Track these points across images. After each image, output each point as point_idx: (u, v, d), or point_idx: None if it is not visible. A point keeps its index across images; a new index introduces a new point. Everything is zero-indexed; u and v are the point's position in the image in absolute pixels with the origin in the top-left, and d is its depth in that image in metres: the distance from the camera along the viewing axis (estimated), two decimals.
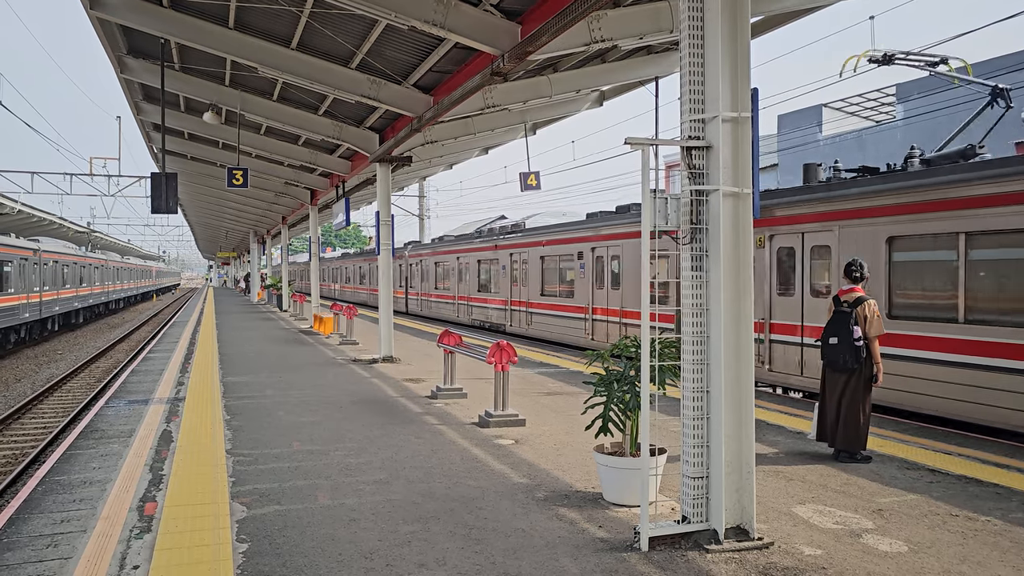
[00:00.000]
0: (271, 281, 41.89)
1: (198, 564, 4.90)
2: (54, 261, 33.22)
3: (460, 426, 9.26)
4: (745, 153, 5.31)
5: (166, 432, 8.94)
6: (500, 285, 23.43)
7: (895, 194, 10.01)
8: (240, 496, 6.36)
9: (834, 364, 7.63)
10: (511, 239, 22.81)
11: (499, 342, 9.16)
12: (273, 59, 12.60)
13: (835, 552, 5.12)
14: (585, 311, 18.26)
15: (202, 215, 46.06)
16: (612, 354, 6.56)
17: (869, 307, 7.50)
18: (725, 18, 5.20)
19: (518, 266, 22.21)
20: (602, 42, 9.93)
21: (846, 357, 7.49)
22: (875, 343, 7.51)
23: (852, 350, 7.47)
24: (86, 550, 5.17)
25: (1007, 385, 8.62)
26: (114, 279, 51.37)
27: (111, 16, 11.23)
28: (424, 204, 47.44)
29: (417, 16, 9.53)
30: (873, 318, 7.47)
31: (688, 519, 5.27)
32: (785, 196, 12.00)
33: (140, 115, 17.79)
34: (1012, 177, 8.62)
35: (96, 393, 17.83)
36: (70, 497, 6.40)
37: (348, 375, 13.80)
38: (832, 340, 7.62)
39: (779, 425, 9.22)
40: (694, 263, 5.34)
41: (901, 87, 31.99)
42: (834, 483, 6.79)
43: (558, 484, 6.74)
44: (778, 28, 11.03)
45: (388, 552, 5.10)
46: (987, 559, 5.02)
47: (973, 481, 6.83)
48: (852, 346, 7.46)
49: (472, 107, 14.01)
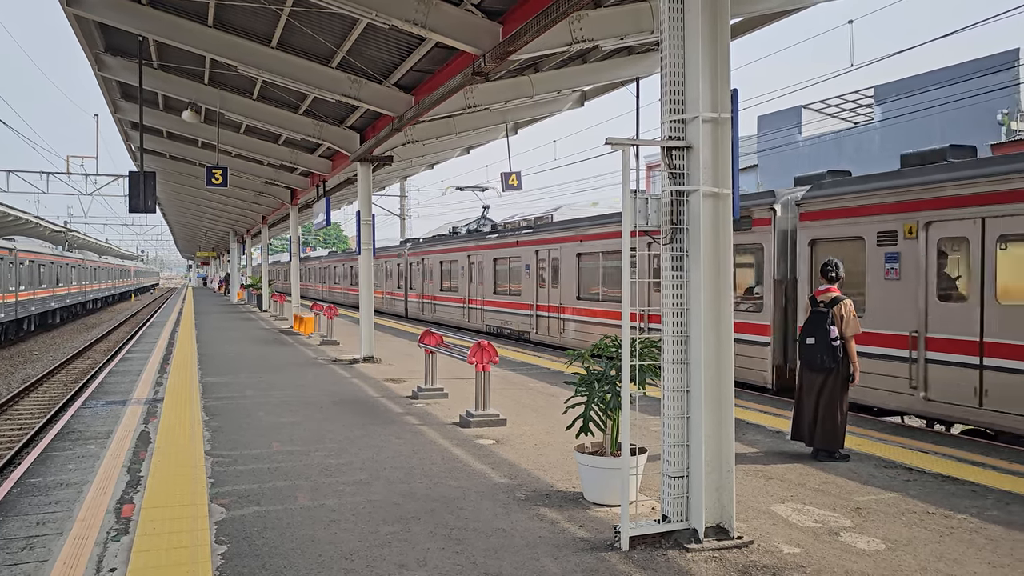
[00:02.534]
0: (251, 281, 41.56)
1: (176, 566, 4.86)
2: (30, 261, 32.80)
3: (441, 426, 9.24)
4: (725, 154, 5.34)
5: (144, 433, 8.85)
6: (524, 287, 20.60)
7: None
8: (219, 497, 6.31)
9: (811, 364, 7.70)
10: (538, 234, 20.02)
11: (480, 342, 9.15)
12: (253, 57, 12.51)
13: (814, 550, 5.16)
14: (639, 319, 15.15)
15: (181, 214, 45.68)
16: (593, 354, 6.58)
17: (845, 307, 7.57)
18: (705, 19, 5.23)
19: (547, 265, 19.44)
20: (583, 42, 9.95)
21: (823, 357, 7.56)
22: (851, 343, 7.58)
23: (829, 350, 7.53)
24: (62, 553, 5.11)
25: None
26: (92, 279, 50.81)
27: (88, 13, 11.11)
28: (405, 204, 47.33)
29: (398, 15, 9.50)
30: (849, 318, 7.54)
31: (668, 518, 5.29)
32: (953, 171, 9.22)
33: (118, 113, 17.61)
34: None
35: (73, 394, 17.61)
36: (46, 499, 6.32)
37: (329, 375, 13.73)
38: (809, 340, 7.69)
39: (759, 424, 9.27)
40: (674, 263, 5.36)
41: (879, 89, 32.33)
42: (813, 482, 6.84)
43: (539, 484, 6.75)
44: (759, 29, 11.11)
45: (368, 553, 5.08)
46: (963, 556, 5.07)
47: (949, 479, 6.91)
48: (829, 346, 7.53)
49: (453, 107, 13.99)
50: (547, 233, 19.58)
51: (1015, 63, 26.88)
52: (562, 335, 18.59)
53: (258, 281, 38.29)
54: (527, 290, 20.41)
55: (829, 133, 35.01)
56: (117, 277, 67.10)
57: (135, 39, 12.38)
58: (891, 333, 9.65)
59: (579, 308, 17.75)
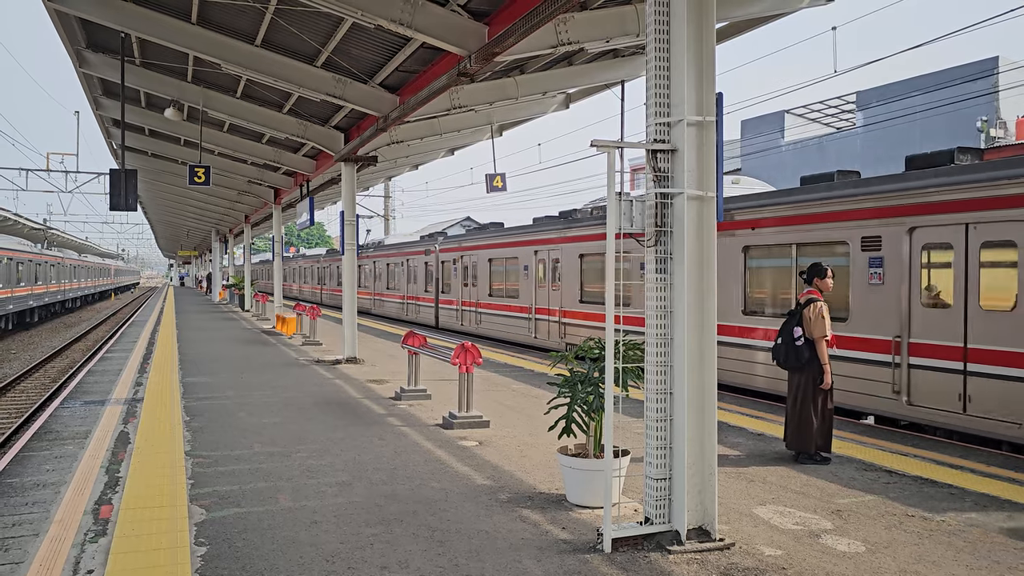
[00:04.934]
0: (233, 280, 41.23)
1: (155, 568, 4.81)
2: (8, 259, 32.41)
3: (424, 428, 9.21)
4: (709, 157, 5.36)
5: (123, 433, 8.76)
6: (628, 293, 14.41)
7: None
8: (199, 498, 6.25)
9: (778, 363, 7.87)
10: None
11: (464, 343, 9.13)
12: (237, 56, 12.43)
13: (795, 552, 5.18)
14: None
15: (163, 213, 45.30)
16: (576, 355, 6.58)
17: (814, 309, 7.60)
18: (691, 23, 5.25)
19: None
20: (569, 44, 9.96)
21: (787, 357, 7.69)
22: (820, 344, 7.57)
23: (793, 350, 7.63)
24: (38, 554, 5.04)
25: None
26: (71, 277, 50.28)
27: (69, 8, 10.99)
28: (389, 204, 47.22)
29: (384, 15, 9.48)
30: (817, 319, 7.55)
31: (651, 520, 5.29)
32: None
33: (99, 110, 17.43)
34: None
35: (51, 394, 17.41)
36: (22, 500, 6.24)
37: (311, 376, 13.66)
38: (778, 340, 7.85)
39: (740, 427, 9.31)
40: (658, 266, 5.37)
41: (861, 95, 32.62)
42: (794, 484, 6.87)
43: (522, 486, 6.74)
44: (744, 34, 11.17)
45: (350, 555, 5.05)
46: (942, 558, 5.11)
47: (928, 482, 6.96)
48: (792, 346, 7.64)
49: (439, 107, 13.96)
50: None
51: (994, 71, 27.22)
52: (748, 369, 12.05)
53: (240, 281, 38.03)
54: (634, 297, 13.89)
55: (812, 138, 35.28)
56: (97, 276, 66.46)
57: (117, 35, 12.26)
58: (874, 338, 9.73)
59: (744, 326, 11.96)
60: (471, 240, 23.07)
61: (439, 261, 25.33)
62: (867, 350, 9.79)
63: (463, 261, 23.25)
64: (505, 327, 20.36)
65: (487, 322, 21.53)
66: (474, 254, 22.48)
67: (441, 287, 25.22)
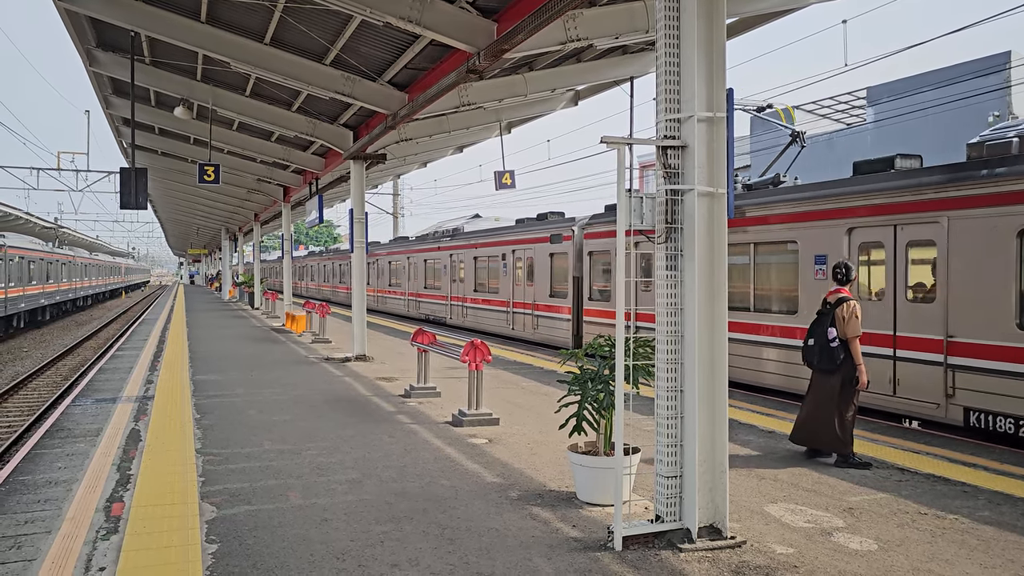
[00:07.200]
0: (243, 279, 41.30)
1: (166, 565, 4.82)
2: (20, 257, 32.58)
3: (433, 425, 9.21)
4: (720, 153, 5.32)
5: (134, 431, 8.80)
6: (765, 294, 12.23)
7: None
8: (210, 496, 6.27)
9: (810, 364, 7.69)
10: (793, 202, 11.47)
11: (473, 340, 9.13)
12: (246, 54, 12.45)
13: (806, 551, 5.16)
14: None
15: (173, 211, 45.49)
16: (586, 353, 6.56)
17: (847, 308, 7.42)
18: (701, 19, 5.21)
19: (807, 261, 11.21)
20: (578, 41, 9.93)
21: (820, 358, 7.52)
22: (853, 344, 7.42)
23: (827, 351, 7.46)
24: (51, 551, 5.07)
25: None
26: (82, 276, 50.53)
27: (79, 8, 11.02)
28: (398, 202, 47.24)
29: (392, 12, 9.47)
30: (850, 319, 7.40)
31: (662, 518, 5.28)
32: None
33: (109, 109, 17.51)
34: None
35: (63, 391, 17.50)
36: (34, 497, 6.27)
37: (321, 374, 13.69)
38: (809, 341, 7.67)
39: (751, 424, 9.28)
40: (668, 263, 5.35)
41: (871, 90, 32.44)
42: (805, 482, 6.84)
43: (532, 483, 6.73)
44: (755, 29, 11.11)
45: (360, 552, 5.06)
46: (955, 557, 5.08)
47: (941, 480, 6.92)
48: (826, 347, 7.46)
49: (447, 105, 13.95)
50: (808, 202, 11.24)
51: (1006, 65, 27.01)
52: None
53: (250, 279, 38.13)
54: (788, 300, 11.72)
55: (821, 134, 35.10)
56: (108, 274, 66.77)
57: (127, 34, 12.29)
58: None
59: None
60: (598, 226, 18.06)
61: (581, 253, 18.16)
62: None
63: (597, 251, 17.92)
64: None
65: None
66: (598, 241, 17.73)
67: (585, 291, 20.47)
